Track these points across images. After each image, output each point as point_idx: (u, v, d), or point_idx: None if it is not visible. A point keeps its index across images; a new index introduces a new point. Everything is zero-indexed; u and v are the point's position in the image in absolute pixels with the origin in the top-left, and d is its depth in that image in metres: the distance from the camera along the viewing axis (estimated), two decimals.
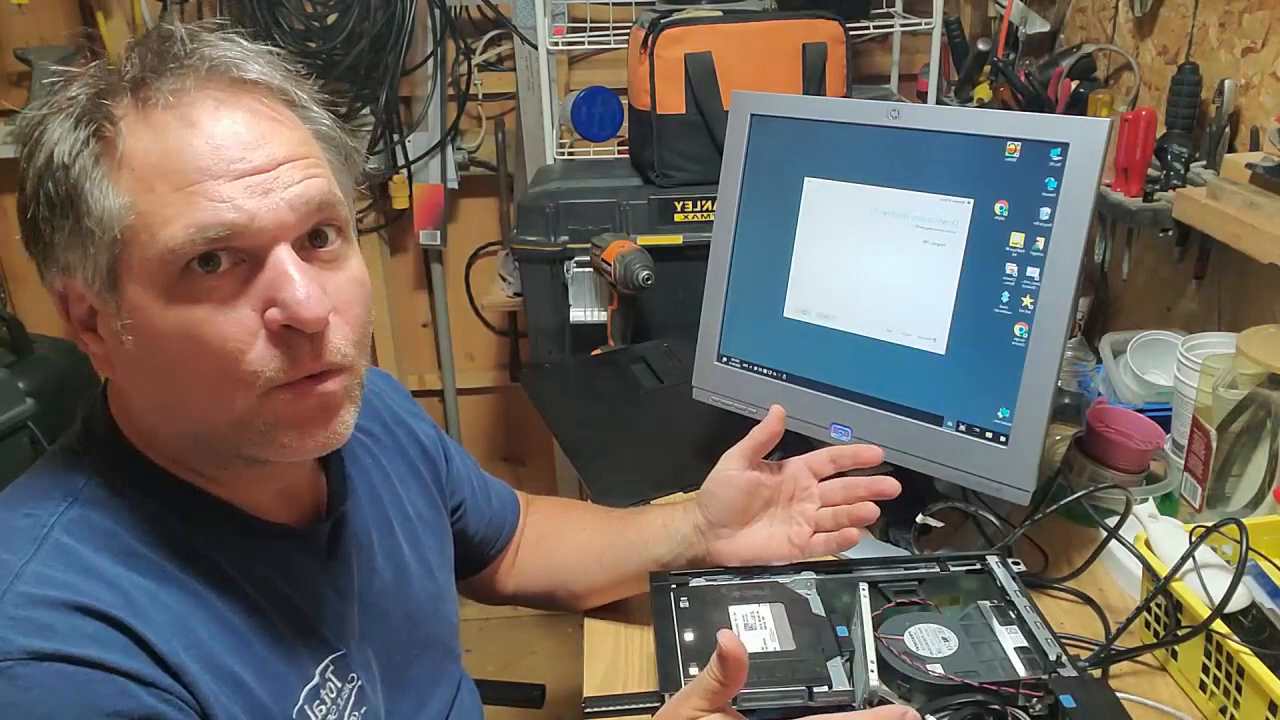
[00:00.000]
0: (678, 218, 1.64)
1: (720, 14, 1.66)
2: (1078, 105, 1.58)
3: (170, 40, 0.68)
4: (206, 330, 0.65)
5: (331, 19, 2.11)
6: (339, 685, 0.77)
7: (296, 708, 0.73)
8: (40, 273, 0.70)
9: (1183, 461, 1.13)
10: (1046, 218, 0.97)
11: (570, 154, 2.01)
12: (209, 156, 0.65)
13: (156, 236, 0.64)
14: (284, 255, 0.66)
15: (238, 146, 0.66)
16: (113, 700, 0.61)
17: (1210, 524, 0.94)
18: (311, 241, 0.69)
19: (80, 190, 0.65)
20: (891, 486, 0.96)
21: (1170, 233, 1.36)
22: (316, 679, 0.75)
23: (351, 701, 0.78)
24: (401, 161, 2.30)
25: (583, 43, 2.03)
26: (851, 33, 1.71)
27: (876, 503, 1.18)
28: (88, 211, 0.65)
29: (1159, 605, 0.95)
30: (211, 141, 0.65)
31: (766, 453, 0.99)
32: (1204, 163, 1.35)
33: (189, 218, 0.64)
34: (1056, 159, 0.96)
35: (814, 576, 0.99)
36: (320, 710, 0.74)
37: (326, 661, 0.77)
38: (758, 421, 1.16)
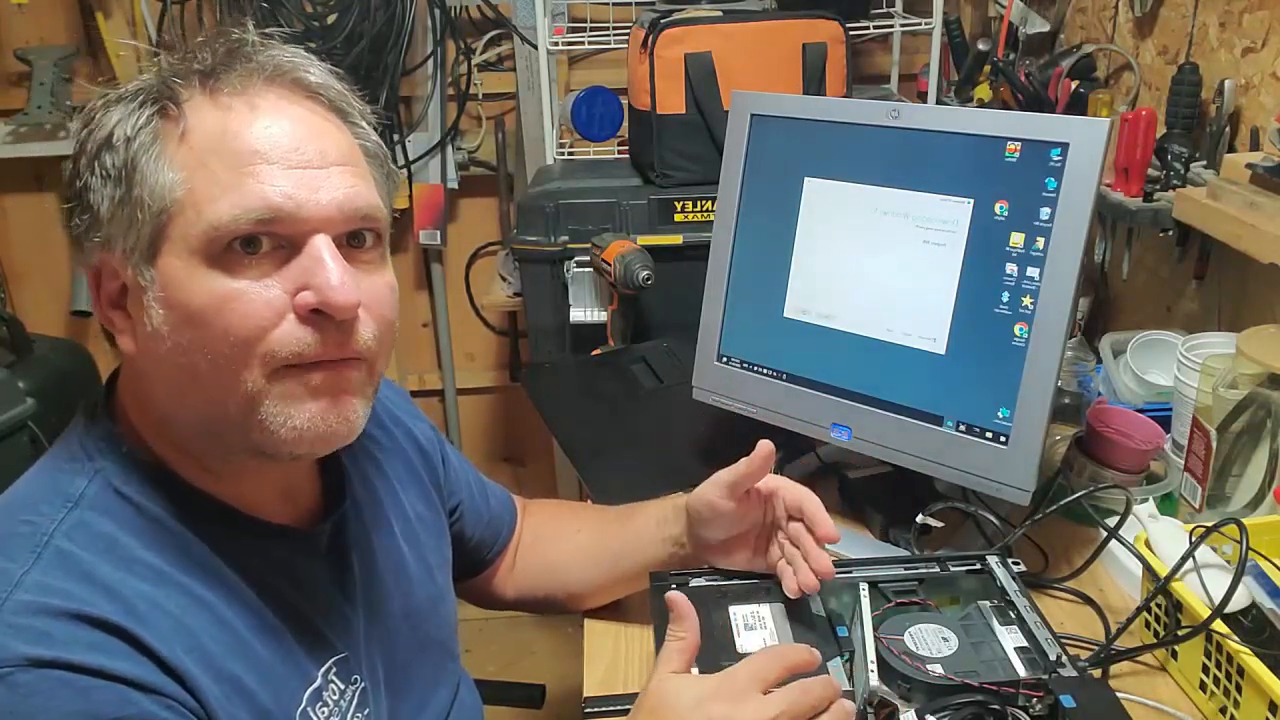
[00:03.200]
0: (678, 218, 1.63)
1: (720, 14, 1.66)
2: (1078, 105, 1.58)
3: (242, 41, 0.72)
4: (236, 305, 0.66)
5: (331, 19, 2.11)
6: (342, 687, 0.77)
7: (299, 710, 0.72)
8: (78, 247, 0.72)
9: (1183, 461, 1.13)
10: (1046, 218, 0.97)
11: (570, 154, 2.01)
12: (265, 142, 0.68)
13: (203, 212, 0.66)
14: (321, 243, 0.68)
15: (294, 139, 0.69)
16: (113, 707, 0.61)
17: (1210, 524, 0.94)
18: (350, 242, 0.71)
19: (137, 163, 0.67)
20: (824, 569, 0.91)
21: (1170, 233, 1.36)
22: (319, 681, 0.75)
23: (354, 703, 0.78)
24: (401, 161, 2.30)
25: (583, 43, 2.03)
26: (851, 33, 1.70)
27: (877, 504, 1.19)
28: (141, 182, 0.67)
29: (1159, 605, 0.95)
30: (270, 129, 0.68)
31: (750, 485, 0.95)
32: (1204, 163, 1.35)
33: (237, 198, 0.66)
34: (1056, 159, 0.96)
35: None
36: (323, 712, 0.74)
37: (329, 663, 0.77)
38: (758, 421, 1.16)
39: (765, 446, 0.93)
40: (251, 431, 0.69)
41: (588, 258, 1.60)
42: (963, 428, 1.04)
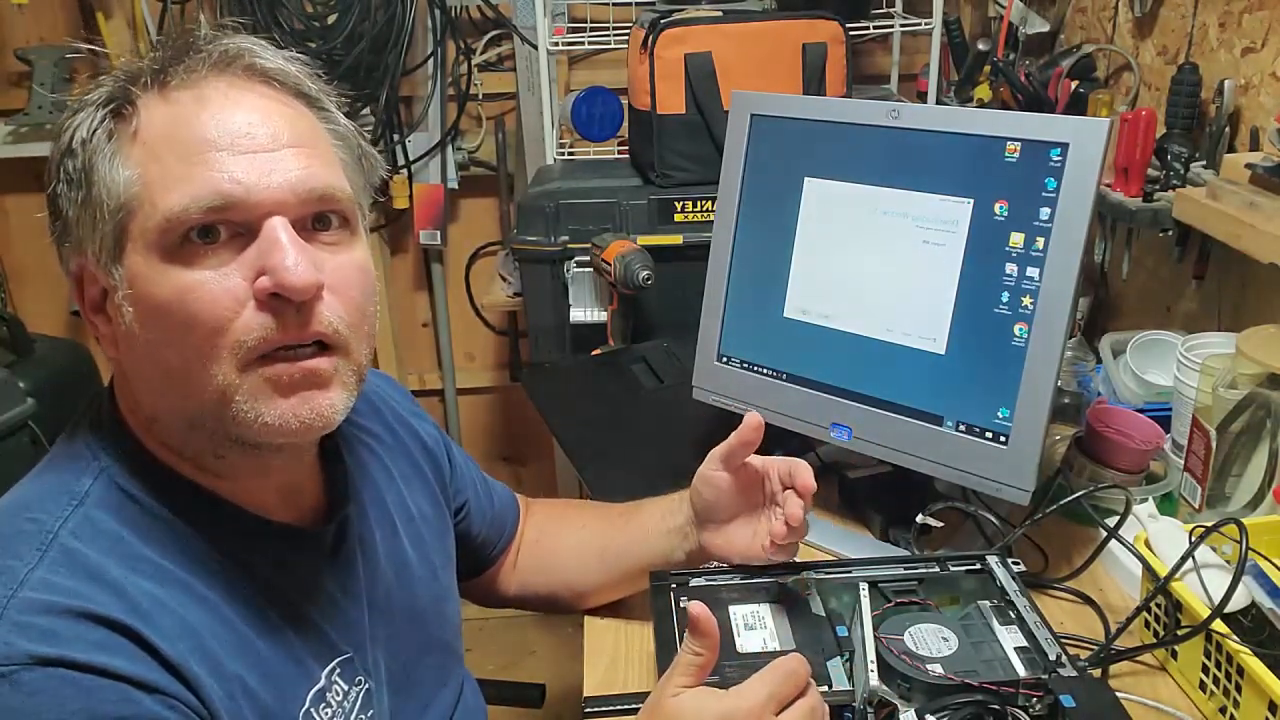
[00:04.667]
0: (678, 218, 1.64)
1: (720, 14, 1.66)
2: (1078, 105, 1.59)
3: (193, 36, 0.72)
4: (197, 296, 0.66)
5: (331, 19, 2.11)
6: (345, 688, 0.77)
7: (303, 710, 0.72)
8: (59, 256, 0.72)
9: (1183, 461, 1.13)
10: (1046, 218, 0.97)
11: (570, 154, 2.01)
12: (215, 130, 0.68)
13: (158, 205, 0.66)
14: (277, 225, 0.68)
15: (244, 124, 0.68)
16: (115, 706, 0.61)
17: (1210, 524, 0.94)
18: (314, 225, 0.71)
19: (93, 164, 0.68)
20: (793, 514, 0.93)
21: (1170, 233, 1.36)
22: (322, 681, 0.75)
23: (358, 704, 0.78)
24: (401, 161, 2.30)
25: (583, 43, 2.03)
26: (851, 33, 1.71)
27: (877, 504, 1.19)
28: (99, 182, 0.68)
29: (1159, 605, 0.95)
30: (219, 117, 0.68)
31: (744, 457, 0.97)
32: (1204, 163, 1.35)
33: (188, 187, 0.66)
34: (1056, 159, 0.96)
35: (814, 576, 0.99)
36: (326, 713, 0.74)
37: (333, 664, 0.77)
38: None
39: (753, 418, 0.95)
40: (229, 425, 0.69)
41: (588, 258, 1.60)
42: (963, 428, 1.04)
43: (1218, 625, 0.87)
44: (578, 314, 1.65)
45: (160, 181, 0.67)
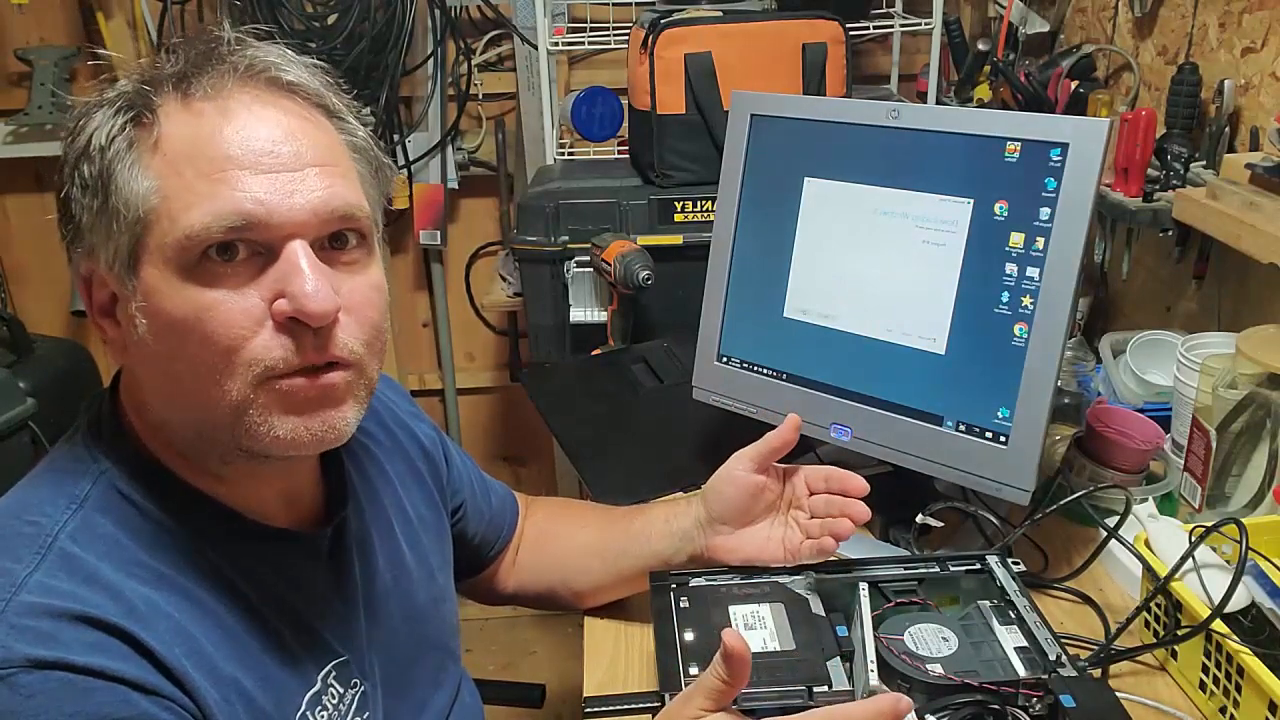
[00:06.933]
0: (678, 218, 1.63)
1: (720, 14, 1.66)
2: (1078, 105, 1.59)
3: (217, 41, 0.71)
4: (214, 315, 0.66)
5: (331, 19, 2.11)
6: (341, 691, 0.77)
7: (298, 713, 0.73)
8: (68, 256, 0.72)
9: (1182, 461, 1.13)
10: (1046, 218, 0.97)
11: (570, 154, 2.01)
12: (238, 147, 0.67)
13: (177, 221, 0.66)
14: (298, 249, 0.67)
15: (268, 141, 0.68)
16: (112, 708, 0.61)
17: (1210, 524, 0.94)
18: (332, 243, 0.70)
19: (112, 172, 0.67)
20: (861, 513, 0.95)
21: (1170, 233, 1.36)
22: (318, 685, 0.75)
23: (354, 707, 0.78)
24: (402, 161, 2.30)
25: (583, 43, 2.03)
26: (851, 33, 1.70)
27: (877, 504, 1.19)
28: (116, 191, 0.67)
29: (1159, 605, 0.95)
30: (242, 133, 0.67)
31: (777, 459, 0.99)
32: (1204, 163, 1.35)
33: (209, 205, 0.65)
34: (1056, 159, 0.96)
35: (814, 576, 0.99)
36: (322, 716, 0.74)
37: (329, 667, 0.77)
38: (758, 421, 1.16)
39: (794, 419, 0.96)
40: (240, 437, 0.69)
41: (588, 258, 1.60)
42: (962, 428, 1.04)
43: (1218, 625, 0.87)
44: (578, 314, 1.65)
45: (180, 197, 0.66)
